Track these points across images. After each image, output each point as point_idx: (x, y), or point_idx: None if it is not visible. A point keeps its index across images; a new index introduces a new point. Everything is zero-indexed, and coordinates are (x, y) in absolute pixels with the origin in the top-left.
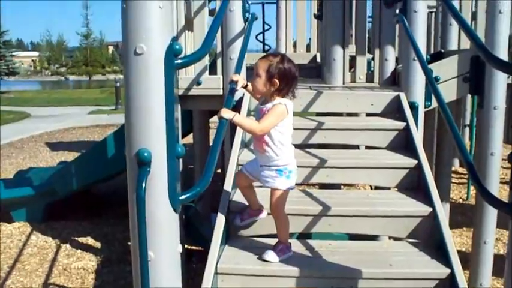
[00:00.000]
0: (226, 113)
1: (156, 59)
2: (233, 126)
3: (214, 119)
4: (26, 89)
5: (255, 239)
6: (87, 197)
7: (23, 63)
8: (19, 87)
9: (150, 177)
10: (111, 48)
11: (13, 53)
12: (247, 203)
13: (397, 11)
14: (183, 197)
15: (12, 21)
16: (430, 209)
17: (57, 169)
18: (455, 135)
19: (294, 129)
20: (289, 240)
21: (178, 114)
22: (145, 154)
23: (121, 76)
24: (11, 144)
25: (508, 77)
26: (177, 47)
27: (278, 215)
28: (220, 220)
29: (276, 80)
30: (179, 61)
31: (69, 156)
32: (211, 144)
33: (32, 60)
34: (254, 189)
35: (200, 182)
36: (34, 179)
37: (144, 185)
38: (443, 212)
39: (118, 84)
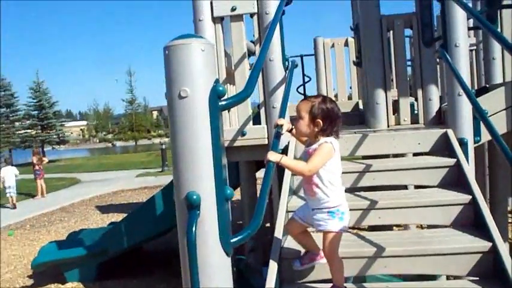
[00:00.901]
0: (273, 156)
1: (200, 101)
2: (280, 174)
3: (260, 174)
4: (76, 156)
5: (309, 284)
6: (139, 255)
7: (72, 133)
8: (69, 155)
9: (200, 220)
10: (155, 113)
11: (63, 123)
12: (299, 249)
13: (437, 48)
14: (235, 239)
15: (62, 94)
16: (490, 244)
17: (108, 229)
18: None
19: (343, 173)
20: (345, 284)
21: (225, 159)
22: (194, 197)
23: (166, 139)
24: (62, 209)
25: None
26: (221, 88)
27: (332, 258)
28: (273, 267)
29: (320, 120)
30: (223, 102)
31: (119, 217)
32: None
33: (81, 129)
34: (309, 233)
35: (251, 224)
36: (86, 240)
37: (194, 228)
38: (504, 246)
39: (164, 146)
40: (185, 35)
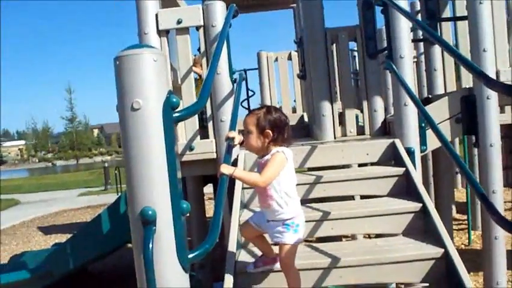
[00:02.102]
0: (226, 169)
1: (154, 113)
2: (230, 188)
3: (207, 189)
4: (14, 177)
5: None
6: (85, 277)
7: (9, 153)
8: (7, 176)
9: (156, 236)
10: (96, 131)
11: None
12: (252, 260)
13: (382, 61)
14: (192, 255)
15: None
16: (442, 250)
17: (52, 250)
18: (464, 170)
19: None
20: None
21: (180, 173)
22: (150, 212)
23: (108, 157)
24: (3, 232)
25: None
26: (174, 99)
27: (288, 271)
28: (228, 282)
29: (269, 131)
30: (177, 114)
31: (63, 238)
32: (207, 215)
33: (19, 149)
34: (265, 237)
35: (208, 239)
36: (29, 263)
37: (151, 245)
38: (455, 252)
39: (106, 164)
40: (137, 45)
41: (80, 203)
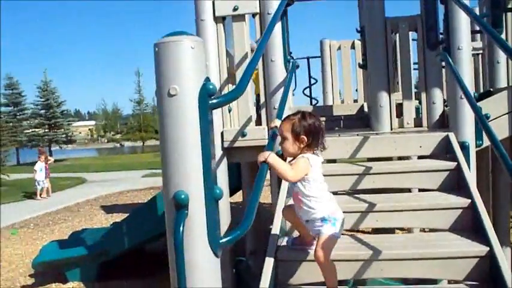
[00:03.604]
0: (261, 156)
1: (190, 100)
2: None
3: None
4: (83, 156)
5: (303, 287)
6: (141, 255)
7: (80, 132)
8: (76, 154)
9: (188, 220)
10: None
11: (70, 122)
12: (295, 252)
13: (438, 52)
14: (224, 240)
15: (71, 93)
16: (487, 249)
17: (109, 229)
18: (509, 169)
19: (342, 175)
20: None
21: (214, 150)
22: (182, 196)
23: None
24: (67, 209)
25: None
26: (211, 86)
27: (324, 262)
28: (268, 267)
29: (304, 137)
30: (214, 101)
31: (123, 218)
32: (264, 201)
33: (89, 129)
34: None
35: (241, 225)
36: (88, 240)
37: (181, 228)
38: (501, 251)
39: None
40: (175, 32)
41: (143, 184)
